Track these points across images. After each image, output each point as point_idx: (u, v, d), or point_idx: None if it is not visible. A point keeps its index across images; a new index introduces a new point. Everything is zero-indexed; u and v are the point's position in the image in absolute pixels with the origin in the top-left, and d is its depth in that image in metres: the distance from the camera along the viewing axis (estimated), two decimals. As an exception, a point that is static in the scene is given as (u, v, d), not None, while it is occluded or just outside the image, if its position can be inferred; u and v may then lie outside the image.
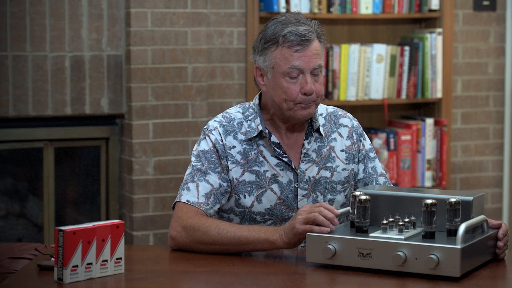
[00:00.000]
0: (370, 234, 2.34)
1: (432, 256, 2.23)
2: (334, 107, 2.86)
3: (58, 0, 4.34)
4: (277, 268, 2.40)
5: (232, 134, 2.71)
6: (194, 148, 2.74)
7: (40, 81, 4.34)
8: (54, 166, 4.46)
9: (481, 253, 2.36)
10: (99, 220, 4.37)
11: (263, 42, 2.67)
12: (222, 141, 2.70)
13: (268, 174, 2.69)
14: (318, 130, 2.75)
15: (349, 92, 4.73)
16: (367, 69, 4.76)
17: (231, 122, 2.73)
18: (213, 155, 2.69)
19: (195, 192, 2.65)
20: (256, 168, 2.69)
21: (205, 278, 2.35)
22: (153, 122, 4.42)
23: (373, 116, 4.97)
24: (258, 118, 2.72)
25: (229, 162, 2.69)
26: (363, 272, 2.30)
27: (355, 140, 2.81)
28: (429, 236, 2.33)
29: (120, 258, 2.30)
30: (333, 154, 2.76)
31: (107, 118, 4.51)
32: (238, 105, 2.80)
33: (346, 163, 2.77)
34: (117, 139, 4.54)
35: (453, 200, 2.36)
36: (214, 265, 2.43)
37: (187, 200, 2.63)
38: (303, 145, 2.73)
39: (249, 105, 2.78)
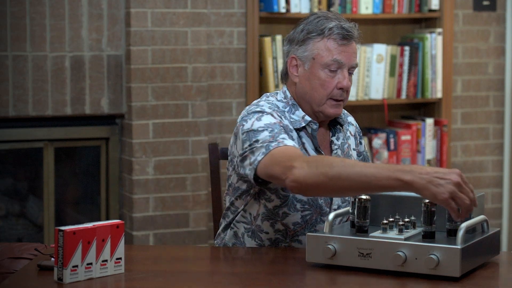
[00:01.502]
0: (370, 234, 2.34)
1: (432, 256, 2.23)
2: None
3: (58, 0, 4.34)
4: (277, 268, 2.40)
5: (286, 120, 2.68)
6: (255, 124, 2.58)
7: (40, 81, 4.34)
8: (54, 166, 4.47)
9: (481, 253, 2.36)
10: (99, 220, 4.37)
11: (306, 33, 2.68)
12: (283, 121, 2.64)
13: None
14: (341, 127, 2.78)
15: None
16: (367, 69, 4.76)
17: (278, 108, 2.70)
18: (282, 129, 2.58)
19: (291, 142, 2.51)
20: None
21: (205, 278, 2.35)
22: (153, 122, 4.42)
23: (373, 116, 4.97)
24: (299, 109, 2.71)
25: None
26: (363, 272, 2.31)
27: (358, 141, 2.87)
28: (429, 236, 2.33)
29: (120, 258, 2.30)
30: (350, 152, 2.79)
31: (107, 118, 4.51)
32: (268, 95, 2.76)
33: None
34: (117, 139, 4.54)
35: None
36: (214, 265, 2.43)
37: (293, 145, 2.49)
38: (332, 141, 2.75)
39: (276, 98, 2.74)
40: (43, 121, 4.41)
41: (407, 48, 4.84)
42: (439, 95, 4.91)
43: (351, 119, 2.88)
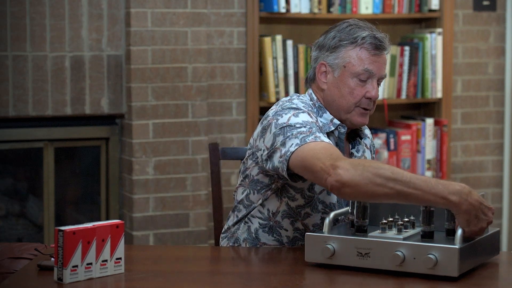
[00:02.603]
0: (369, 234, 2.34)
1: (430, 256, 2.23)
2: None
3: (58, 0, 4.35)
4: (277, 268, 2.40)
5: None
6: (292, 119, 2.55)
7: (40, 81, 4.34)
8: (54, 166, 4.47)
9: (480, 253, 2.37)
10: (99, 220, 4.37)
11: (338, 40, 2.66)
12: (318, 122, 2.64)
13: None
14: (360, 139, 2.78)
15: (349, 92, 4.73)
16: (367, 69, 4.76)
17: (312, 108, 2.68)
18: (319, 128, 2.57)
19: (328, 140, 2.50)
20: None
21: (205, 278, 2.35)
22: (153, 122, 4.42)
23: (373, 116, 4.97)
24: (327, 112, 2.69)
25: None
26: (362, 272, 2.31)
27: (372, 154, 2.85)
28: (428, 236, 2.33)
29: (120, 258, 2.30)
30: None
31: (107, 118, 4.51)
32: (296, 97, 2.72)
33: None
34: (117, 139, 4.54)
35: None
36: (214, 265, 2.43)
37: (331, 144, 2.47)
38: (352, 153, 2.74)
39: (307, 102, 2.70)
40: (43, 121, 4.42)
41: (407, 48, 4.84)
42: (439, 95, 4.91)
43: (367, 131, 2.86)
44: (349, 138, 2.78)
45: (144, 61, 4.38)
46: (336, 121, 2.68)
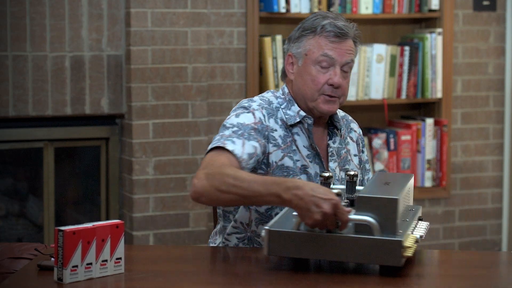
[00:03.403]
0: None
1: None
2: (344, 112, 2.89)
3: (58, 0, 4.35)
4: (277, 268, 2.40)
5: (273, 118, 2.70)
6: (230, 120, 2.65)
7: (40, 81, 4.34)
8: (54, 166, 4.47)
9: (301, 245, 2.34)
10: (99, 220, 4.37)
11: (301, 30, 2.71)
12: (265, 122, 2.67)
13: (299, 164, 2.69)
14: (340, 131, 2.79)
15: (349, 92, 4.73)
16: (367, 69, 4.76)
17: (271, 105, 2.73)
18: (252, 131, 2.62)
19: (240, 147, 2.55)
20: (291, 155, 2.69)
21: (205, 278, 2.35)
22: (153, 122, 4.42)
23: (373, 116, 4.97)
24: (295, 105, 2.72)
25: (270, 145, 2.66)
26: (362, 271, 2.30)
27: (360, 148, 2.86)
28: (350, 204, 2.46)
29: (120, 258, 2.30)
30: (349, 157, 2.80)
31: (107, 118, 4.51)
32: (267, 93, 2.78)
33: (358, 168, 2.81)
34: (117, 139, 4.54)
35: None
36: (214, 265, 2.43)
37: (232, 150, 2.53)
38: (328, 144, 2.75)
39: (274, 94, 2.77)
40: (43, 121, 4.42)
41: (407, 48, 4.84)
42: (439, 95, 4.91)
43: (354, 125, 2.88)
44: (329, 129, 2.79)
45: (144, 61, 4.38)
46: (302, 113, 2.70)
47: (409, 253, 2.24)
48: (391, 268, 2.25)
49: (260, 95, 2.78)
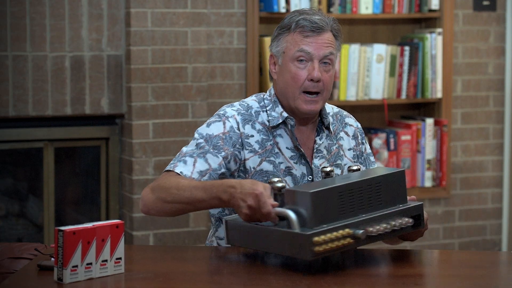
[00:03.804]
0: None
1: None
2: (339, 108, 2.88)
3: (58, 0, 4.35)
4: (277, 268, 2.40)
5: (250, 123, 2.71)
6: (201, 129, 2.70)
7: (40, 81, 4.34)
8: (54, 166, 4.47)
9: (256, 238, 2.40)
10: (99, 220, 4.37)
11: (279, 29, 2.71)
12: (239, 129, 2.68)
13: (283, 166, 2.69)
14: (328, 128, 2.77)
15: (349, 92, 4.73)
16: (367, 69, 4.76)
17: (249, 110, 2.73)
18: (219, 141, 2.65)
19: (190, 167, 2.62)
20: (272, 159, 2.69)
21: (205, 278, 2.35)
22: (153, 122, 4.42)
23: (373, 116, 4.97)
24: (279, 106, 2.72)
25: (246, 151, 2.67)
26: (364, 272, 2.30)
27: (359, 141, 2.84)
28: None
29: (120, 258, 2.30)
30: (341, 152, 2.78)
31: (107, 118, 4.51)
32: (253, 95, 2.81)
33: (354, 161, 2.79)
34: (117, 139, 4.54)
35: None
36: (214, 265, 2.43)
37: (181, 172, 2.61)
38: (315, 141, 2.74)
39: (263, 96, 2.78)
40: (43, 121, 4.42)
41: (407, 48, 4.84)
42: (439, 95, 4.91)
43: (349, 120, 2.86)
44: (319, 126, 2.79)
45: (144, 61, 4.38)
46: (285, 114, 2.70)
47: (322, 248, 2.24)
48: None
49: (243, 99, 2.80)
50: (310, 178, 2.70)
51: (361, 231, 2.29)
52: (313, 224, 2.26)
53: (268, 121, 2.71)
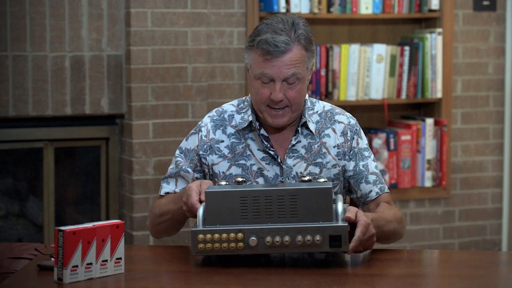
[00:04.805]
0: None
1: None
2: (333, 106, 2.85)
3: (58, 0, 4.35)
4: (277, 268, 2.40)
5: (221, 128, 2.75)
6: (182, 143, 2.82)
7: (40, 81, 4.34)
8: (54, 166, 4.47)
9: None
10: (99, 220, 4.37)
11: (249, 40, 2.68)
12: (207, 136, 2.75)
13: (254, 168, 2.71)
14: (308, 128, 2.75)
15: (349, 92, 4.73)
16: (367, 69, 4.76)
17: (222, 115, 2.78)
18: (195, 156, 2.76)
19: (173, 187, 2.79)
20: (243, 161, 2.72)
21: (205, 278, 2.35)
22: (153, 122, 4.42)
23: (373, 116, 4.97)
24: (250, 110, 2.74)
25: (215, 156, 2.73)
26: (365, 272, 2.30)
27: (349, 138, 2.78)
28: None
29: (120, 258, 2.30)
30: (324, 150, 2.75)
31: (107, 118, 4.51)
32: (238, 98, 2.85)
33: (338, 159, 2.76)
34: (117, 139, 4.54)
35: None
36: (214, 265, 2.43)
37: (166, 193, 2.79)
38: (291, 140, 2.74)
39: (245, 98, 2.81)
40: (43, 121, 4.42)
41: (407, 48, 4.84)
42: (439, 95, 4.91)
43: (339, 117, 2.80)
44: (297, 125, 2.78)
45: (144, 61, 4.38)
46: (250, 118, 2.72)
47: (206, 246, 2.33)
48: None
49: (233, 101, 2.84)
50: (282, 179, 2.70)
51: (253, 238, 2.32)
52: (208, 223, 2.36)
53: (237, 124, 2.75)
